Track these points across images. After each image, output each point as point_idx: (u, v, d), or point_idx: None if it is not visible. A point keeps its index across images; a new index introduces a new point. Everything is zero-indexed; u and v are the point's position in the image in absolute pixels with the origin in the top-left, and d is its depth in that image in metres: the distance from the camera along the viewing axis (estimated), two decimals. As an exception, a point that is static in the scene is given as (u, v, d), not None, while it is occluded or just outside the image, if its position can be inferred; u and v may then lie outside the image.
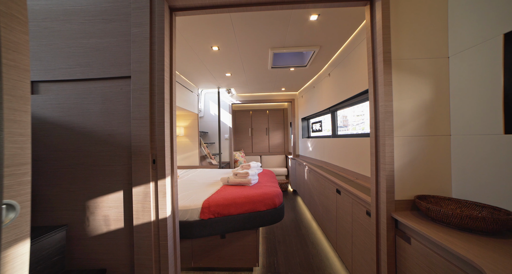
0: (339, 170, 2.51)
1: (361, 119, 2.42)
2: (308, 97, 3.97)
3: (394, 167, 1.07)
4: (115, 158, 1.22)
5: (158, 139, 1.20)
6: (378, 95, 1.15)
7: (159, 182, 1.20)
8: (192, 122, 4.17)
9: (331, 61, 2.72)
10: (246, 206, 1.78)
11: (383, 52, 1.08)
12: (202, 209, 1.69)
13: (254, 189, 2.05)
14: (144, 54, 1.19)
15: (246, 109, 5.78)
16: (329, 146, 2.94)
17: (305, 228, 2.82)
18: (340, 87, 2.48)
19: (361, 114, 2.40)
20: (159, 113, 1.20)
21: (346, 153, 2.34)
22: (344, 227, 1.81)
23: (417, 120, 1.07)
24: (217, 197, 1.81)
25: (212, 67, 2.94)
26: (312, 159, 3.73)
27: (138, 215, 1.18)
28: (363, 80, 1.90)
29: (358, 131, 2.57)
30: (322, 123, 3.72)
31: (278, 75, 3.35)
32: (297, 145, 4.70)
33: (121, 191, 1.21)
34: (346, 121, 2.91)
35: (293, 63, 2.93)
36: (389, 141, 1.08)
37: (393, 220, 1.06)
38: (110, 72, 1.22)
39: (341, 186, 1.86)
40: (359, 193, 1.54)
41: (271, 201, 1.85)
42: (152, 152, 1.20)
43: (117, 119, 1.22)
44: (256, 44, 2.26)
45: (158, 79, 1.20)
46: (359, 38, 1.94)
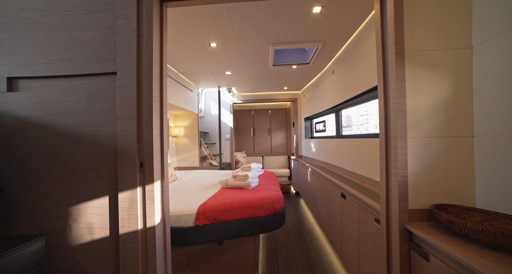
0: (344, 172, 2.39)
1: (365, 119, 2.35)
2: (311, 96, 3.84)
3: (407, 172, 0.95)
4: (100, 161, 1.12)
5: (145, 141, 1.10)
6: (389, 91, 1.03)
7: (147, 187, 1.09)
8: (192, 122, 4.09)
9: (335, 57, 2.59)
10: (244, 211, 1.67)
11: (395, 43, 0.96)
12: (197, 214, 1.58)
13: (254, 193, 1.94)
14: (131, 48, 1.09)
15: (248, 108, 5.68)
16: (333, 147, 2.82)
17: (307, 232, 2.70)
18: (345, 85, 2.36)
19: (365, 114, 2.34)
20: (147, 112, 1.10)
21: (351, 154, 2.21)
22: (350, 234, 1.69)
23: (434, 119, 0.94)
24: (213, 202, 1.70)
25: (211, 65, 2.84)
26: (315, 160, 3.60)
27: (124, 223, 1.08)
28: (370, 77, 1.78)
29: (362, 132, 2.45)
30: (325, 123, 3.59)
31: (280, 73, 3.23)
32: (300, 145, 4.58)
33: (107, 197, 1.11)
34: (350, 121, 2.81)
35: (295, 60, 2.81)
36: (401, 143, 0.96)
37: (407, 231, 0.94)
38: (95, 68, 1.12)
39: (346, 190, 1.74)
40: (367, 199, 1.42)
41: (271, 206, 1.74)
42: (139, 155, 1.10)
43: (103, 119, 1.13)
44: (256, 40, 2.15)
45: (146, 75, 1.10)
46: (366, 31, 1.81)
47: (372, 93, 1.87)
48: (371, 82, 1.74)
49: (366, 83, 1.83)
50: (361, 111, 2.45)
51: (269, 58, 2.61)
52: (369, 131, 2.30)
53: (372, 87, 1.74)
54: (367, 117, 2.31)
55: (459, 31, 0.92)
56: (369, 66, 1.79)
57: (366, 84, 1.83)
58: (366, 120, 2.35)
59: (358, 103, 2.26)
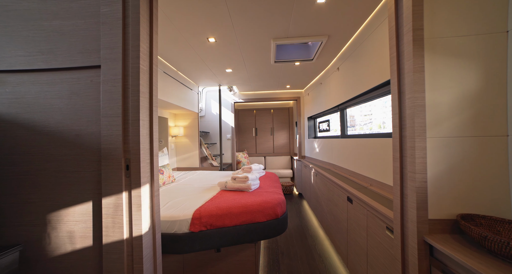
0: (349, 174, 2.26)
1: (368, 118, 2.32)
2: (314, 94, 3.72)
3: (426, 176, 0.83)
4: (83, 163, 1.02)
5: (132, 141, 1.00)
6: (404, 85, 0.91)
7: (133, 192, 0.99)
8: (192, 122, 3.99)
9: (340, 53, 2.47)
10: (243, 216, 1.56)
11: (413, 29, 0.84)
12: (192, 220, 1.48)
13: (254, 196, 1.82)
14: (116, 38, 0.99)
15: (249, 108, 5.57)
16: (337, 147, 2.69)
17: (311, 237, 2.58)
18: (351, 82, 2.23)
19: (369, 114, 2.29)
20: (134, 109, 1.00)
21: (357, 155, 2.09)
22: (357, 242, 1.57)
23: (459, 116, 0.82)
24: (210, 206, 1.59)
25: (210, 62, 2.73)
26: (319, 161, 3.47)
27: (108, 232, 0.97)
28: (379, 72, 1.65)
29: (365, 132, 2.32)
30: (329, 122, 3.47)
31: (282, 70, 3.11)
32: (303, 145, 4.45)
33: (90, 202, 1.01)
34: (353, 121, 2.73)
35: (298, 56, 2.69)
36: (420, 143, 0.84)
37: (427, 245, 0.82)
38: (77, 61, 1.02)
39: (353, 194, 1.61)
40: (376, 204, 1.29)
41: (272, 210, 1.63)
42: (125, 156, 1.00)
43: (87, 117, 1.02)
44: (256, 34, 2.04)
45: (132, 68, 1.00)
46: (375, 22, 1.69)
47: (382, 90, 1.74)
48: (381, 77, 1.62)
49: (375, 79, 1.71)
50: (364, 110, 2.38)
51: (270, 54, 2.50)
52: (372, 131, 2.20)
53: (381, 83, 1.62)
54: (371, 117, 2.27)
55: (491, 13, 0.80)
56: (378, 60, 1.66)
57: (375, 80, 1.71)
58: (369, 120, 2.30)
59: (366, 101, 2.13)
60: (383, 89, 1.71)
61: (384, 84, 1.62)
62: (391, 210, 1.17)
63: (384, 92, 1.73)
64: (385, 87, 1.68)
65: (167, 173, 2.62)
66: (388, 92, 1.68)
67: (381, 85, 1.65)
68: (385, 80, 1.55)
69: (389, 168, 1.53)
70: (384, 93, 1.74)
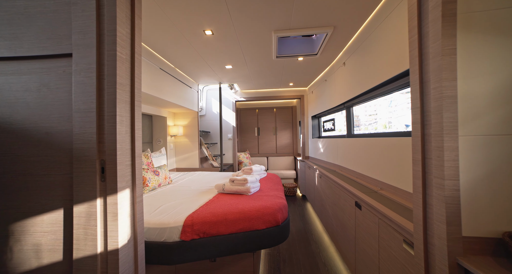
0: (356, 176, 2.10)
1: (373, 118, 2.27)
2: (319, 92, 3.55)
3: (459, 183, 0.67)
4: (54, 165, 0.89)
5: (107, 140, 0.86)
6: (429, 73, 0.75)
7: (109, 198, 0.86)
8: (191, 121, 3.87)
9: (347, 46, 2.30)
10: (240, 223, 1.41)
11: (443, 2, 0.68)
12: (184, 227, 1.34)
13: (253, 201, 1.68)
14: (89, 21, 0.86)
15: (251, 107, 5.43)
16: (343, 148, 2.52)
17: (315, 243, 2.42)
18: (358, 78, 2.07)
19: (374, 114, 2.25)
20: (110, 103, 0.86)
21: (365, 156, 1.92)
22: (367, 252, 1.41)
23: (502, 108, 0.66)
24: (203, 212, 1.45)
25: (208, 57, 2.60)
26: (324, 162, 3.31)
27: (79, 245, 0.84)
28: (390, 64, 1.49)
29: (370, 132, 2.17)
30: (334, 121, 3.30)
31: (285, 66, 2.96)
32: (307, 146, 4.29)
33: (61, 210, 0.88)
34: (358, 120, 2.63)
35: (301, 51, 2.53)
36: (449, 143, 0.68)
37: (461, 269, 0.66)
38: (47, 48, 0.89)
39: (362, 199, 1.46)
40: (390, 213, 1.13)
41: (272, 217, 1.48)
42: (100, 157, 0.86)
43: (58, 112, 0.90)
44: (256, 26, 1.89)
45: (108, 56, 0.86)
46: (386, 9, 1.52)
47: (394, 84, 1.57)
48: (393, 69, 1.45)
49: (386, 73, 1.55)
50: (369, 110, 2.33)
51: (272, 48, 2.35)
52: (377, 131, 2.09)
53: (394, 76, 1.45)
54: (376, 116, 2.22)
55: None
56: (390, 51, 1.50)
57: (386, 74, 1.54)
58: (374, 120, 2.24)
59: (375, 97, 1.96)
60: (396, 83, 1.55)
61: (397, 77, 1.46)
62: (409, 220, 1.01)
63: (397, 87, 1.57)
64: (398, 81, 1.51)
65: (163, 174, 2.50)
66: (402, 85, 1.51)
67: (394, 78, 1.49)
68: (399, 72, 1.39)
69: (403, 171, 1.37)
70: (397, 88, 1.58)
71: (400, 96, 1.83)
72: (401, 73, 1.37)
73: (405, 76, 1.42)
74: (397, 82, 1.53)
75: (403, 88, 1.55)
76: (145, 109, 3.07)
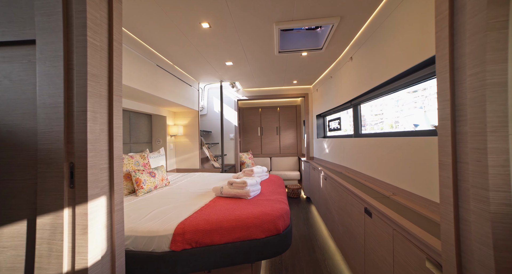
0: (365, 179, 1.94)
1: (379, 118, 2.22)
2: (324, 90, 3.39)
3: (511, 196, 0.52)
4: (16, 168, 0.77)
5: (77, 139, 0.74)
6: (464, 56, 0.61)
7: (78, 208, 0.73)
8: (192, 120, 3.76)
9: (355, 39, 2.14)
10: (236, 232, 1.28)
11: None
12: (174, 236, 1.21)
13: (251, 206, 1.55)
14: (54, 1, 0.74)
15: (255, 106, 5.29)
16: (350, 148, 2.36)
17: (320, 249, 2.27)
18: (366, 73, 1.91)
19: (380, 114, 2.19)
20: (80, 97, 0.74)
21: (374, 157, 1.76)
22: (379, 267, 1.26)
23: None
24: (197, 219, 1.33)
25: (207, 53, 2.47)
26: (329, 163, 3.15)
27: (42, 263, 0.72)
28: (406, 55, 1.34)
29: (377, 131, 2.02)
30: (340, 120, 3.14)
31: (288, 62, 2.82)
32: (311, 146, 4.13)
33: (24, 222, 0.76)
34: (364, 120, 2.52)
35: (305, 45, 2.39)
36: (496, 144, 0.53)
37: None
38: (8, 33, 0.78)
39: (373, 205, 1.30)
40: (408, 224, 0.98)
41: (272, 225, 1.34)
42: (68, 160, 0.74)
43: (22, 108, 0.78)
44: (256, 17, 1.76)
45: (77, 42, 0.74)
46: (398, -4, 1.37)
47: (410, 77, 1.41)
48: (410, 61, 1.30)
49: (401, 64, 1.39)
50: (375, 110, 2.28)
51: (274, 42, 2.21)
52: (386, 130, 2.00)
53: (411, 68, 1.30)
54: (382, 116, 2.17)
55: None
56: (406, 40, 1.35)
57: (401, 65, 1.39)
58: (380, 120, 2.20)
59: (385, 93, 1.80)
60: (411, 77, 1.39)
61: (414, 68, 1.30)
62: (433, 234, 0.86)
63: (412, 80, 1.41)
64: (414, 74, 1.35)
65: (160, 175, 2.39)
66: (418, 79, 1.36)
67: (410, 70, 1.33)
68: (416, 63, 1.23)
69: (420, 174, 1.21)
70: (413, 81, 1.42)
71: (407, 96, 1.77)
72: (419, 63, 1.21)
73: (423, 67, 1.26)
74: (413, 76, 1.37)
75: (419, 82, 1.39)
76: (143, 108, 2.97)
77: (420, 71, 1.30)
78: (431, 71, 1.22)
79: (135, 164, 2.32)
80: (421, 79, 1.34)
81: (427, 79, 1.32)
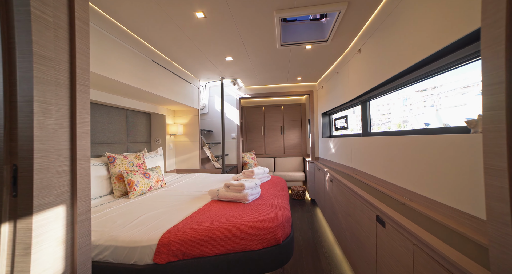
0: (375, 181, 1.76)
1: (386, 118, 2.16)
2: (330, 86, 3.20)
3: None
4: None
5: (21, 136, 0.60)
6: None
7: (20, 222, 0.59)
8: (192, 119, 3.63)
9: (364, 28, 1.96)
10: (229, 243, 1.12)
11: None
12: (158, 247, 1.07)
13: (248, 212, 1.39)
14: (-7, -36, 0.60)
15: (258, 104, 5.13)
16: (358, 148, 2.18)
17: (326, 258, 2.09)
18: (377, 65, 1.73)
19: (387, 113, 2.14)
20: (24, 84, 0.60)
21: (386, 158, 1.58)
22: (394, 285, 1.08)
23: None
24: (185, 227, 1.18)
25: (204, 47, 2.33)
26: (335, 164, 2.96)
27: (-23, 290, 0.58)
28: (422, 42, 1.15)
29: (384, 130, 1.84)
30: (347, 118, 2.95)
31: (291, 57, 2.64)
32: (317, 146, 3.94)
33: (-38, 236, 0.63)
34: (370, 120, 2.30)
35: (309, 37, 2.21)
36: None
37: None
38: None
39: (386, 213, 1.13)
40: (435, 241, 0.81)
41: (271, 234, 1.18)
42: (11, 162, 0.60)
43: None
44: (253, 5, 1.60)
45: (18, 14, 0.60)
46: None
47: (428, 68, 1.23)
48: (427, 48, 1.11)
49: (416, 53, 1.21)
50: (382, 110, 2.22)
51: (275, 34, 2.05)
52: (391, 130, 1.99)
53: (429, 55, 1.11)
54: (389, 116, 2.13)
55: None
56: (424, 25, 1.16)
57: (416, 55, 1.20)
58: (388, 119, 2.16)
59: (398, 87, 1.61)
60: (430, 67, 1.20)
61: (432, 58, 1.11)
62: (467, 255, 0.68)
63: (430, 72, 1.22)
64: (433, 63, 1.17)
65: (155, 176, 2.26)
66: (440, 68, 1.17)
67: (428, 59, 1.15)
68: (436, 50, 1.05)
69: (447, 178, 1.03)
70: (430, 73, 1.23)
71: (415, 94, 1.72)
72: (441, 49, 1.03)
73: (443, 55, 1.08)
74: (430, 66, 1.18)
75: (438, 74, 1.20)
76: (141, 107, 2.86)
77: (438, 61, 1.12)
78: (452, 60, 1.04)
79: (129, 164, 2.20)
80: (441, 69, 1.16)
81: (446, 70, 1.14)
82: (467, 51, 0.97)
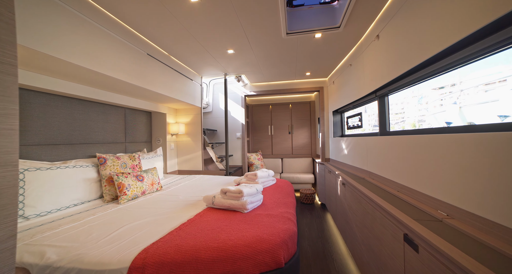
0: (397, 188, 1.49)
1: (400, 117, 2.08)
2: (341, 81, 2.93)
3: None
4: None
5: None
6: None
7: None
8: (194, 118, 3.45)
9: (384, 10, 1.69)
10: (218, 266, 0.90)
11: None
12: (130, 270, 0.87)
13: (245, 225, 1.16)
14: None
15: (265, 103, 4.91)
16: (375, 149, 1.91)
17: (337, 273, 1.83)
18: (399, 53, 1.46)
19: (401, 112, 2.04)
20: None
21: (411, 161, 1.31)
22: None
23: None
24: (166, 244, 0.97)
25: (202, 38, 2.13)
26: (348, 166, 2.69)
27: None
28: (455, 23, 0.88)
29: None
30: (361, 116, 2.66)
31: (299, 48, 2.40)
32: (327, 146, 3.67)
33: None
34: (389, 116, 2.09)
35: (318, 24, 1.96)
36: None
37: None
38: None
39: (419, 234, 0.87)
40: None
41: (270, 256, 0.95)
42: None
43: None
44: (254, -19, 1.37)
45: None
46: None
47: (460, 53, 0.95)
48: (461, 30, 0.85)
49: (447, 36, 0.94)
50: (395, 109, 2.07)
51: (280, 20, 1.81)
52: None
53: (465, 37, 0.84)
54: (403, 115, 2.05)
55: None
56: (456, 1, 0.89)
57: (448, 38, 0.94)
58: (402, 119, 2.08)
59: (425, 77, 1.34)
60: (463, 53, 0.93)
61: (467, 41, 0.84)
62: None
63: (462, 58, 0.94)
64: (467, 48, 0.90)
65: (150, 179, 2.08)
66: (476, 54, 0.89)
67: (463, 42, 0.88)
68: (475, 30, 0.78)
69: (503, 190, 0.76)
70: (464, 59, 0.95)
71: (432, 92, 1.64)
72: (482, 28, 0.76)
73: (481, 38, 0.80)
74: (463, 52, 0.90)
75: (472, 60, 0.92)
76: (141, 105, 2.71)
77: (475, 44, 0.85)
78: (492, 42, 0.78)
79: (121, 166, 2.03)
80: (477, 54, 0.88)
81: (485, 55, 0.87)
82: (501, 36, 0.71)
